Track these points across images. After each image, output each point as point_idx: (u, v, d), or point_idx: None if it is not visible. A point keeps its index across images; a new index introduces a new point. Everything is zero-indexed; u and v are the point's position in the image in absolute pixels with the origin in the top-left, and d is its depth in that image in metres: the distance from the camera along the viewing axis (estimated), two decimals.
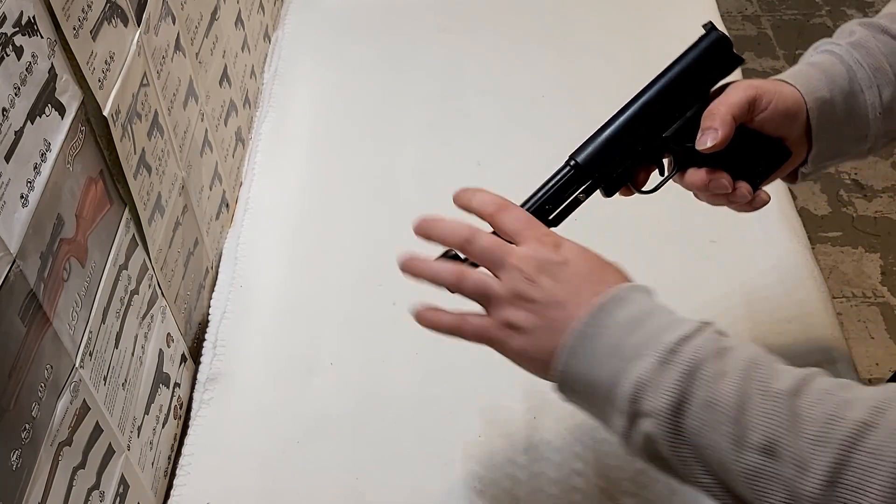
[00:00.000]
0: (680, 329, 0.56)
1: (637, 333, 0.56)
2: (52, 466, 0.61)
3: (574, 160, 0.71)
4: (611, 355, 0.56)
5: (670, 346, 0.54)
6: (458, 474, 0.80)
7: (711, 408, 0.52)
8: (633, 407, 0.55)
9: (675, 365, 0.54)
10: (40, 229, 0.61)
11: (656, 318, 0.57)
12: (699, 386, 0.53)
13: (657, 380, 0.54)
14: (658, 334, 0.56)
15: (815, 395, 0.51)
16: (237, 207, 1.11)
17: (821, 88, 0.71)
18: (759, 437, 0.50)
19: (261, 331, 0.95)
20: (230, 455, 0.84)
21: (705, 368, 0.53)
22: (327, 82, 1.28)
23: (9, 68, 0.58)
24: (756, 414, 0.51)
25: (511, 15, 1.37)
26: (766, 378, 0.52)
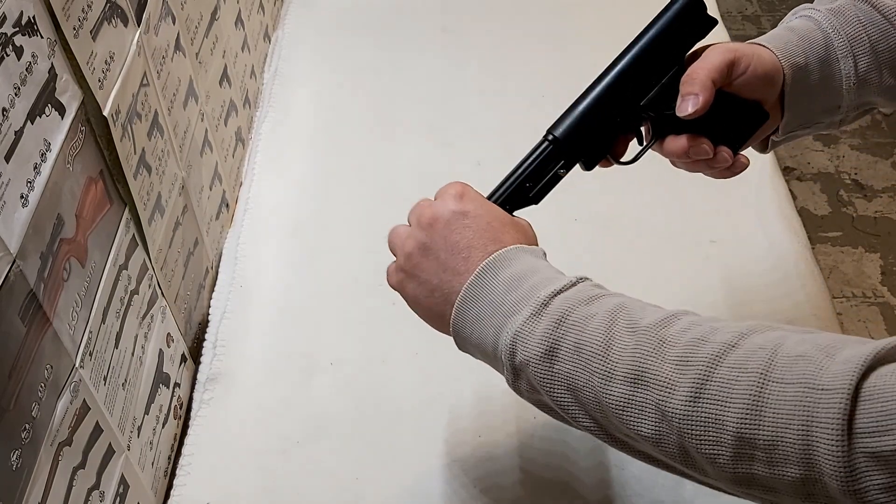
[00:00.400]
0: (555, 283, 0.58)
1: (516, 291, 0.58)
2: (52, 466, 0.61)
3: (552, 135, 0.70)
4: (493, 313, 0.59)
5: (543, 300, 0.57)
6: (458, 474, 0.80)
7: (581, 349, 0.54)
8: (511, 360, 0.58)
9: (546, 315, 0.56)
10: (40, 229, 0.61)
11: (536, 275, 0.59)
12: (568, 330, 0.55)
13: (530, 330, 0.56)
14: (534, 290, 0.58)
15: (683, 324, 0.53)
16: (237, 207, 1.11)
17: (797, 54, 0.70)
18: (626, 367, 0.52)
19: (261, 331, 0.95)
20: (230, 455, 0.84)
21: (574, 314, 0.55)
22: (327, 82, 1.28)
23: (9, 68, 0.58)
24: (622, 347, 0.53)
25: (511, 15, 1.38)
26: (634, 317, 0.54)
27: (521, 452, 0.81)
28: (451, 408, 0.86)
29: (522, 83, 1.25)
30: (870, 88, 0.71)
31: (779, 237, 0.99)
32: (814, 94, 0.71)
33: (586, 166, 0.71)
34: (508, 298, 0.58)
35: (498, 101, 1.22)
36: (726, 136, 0.70)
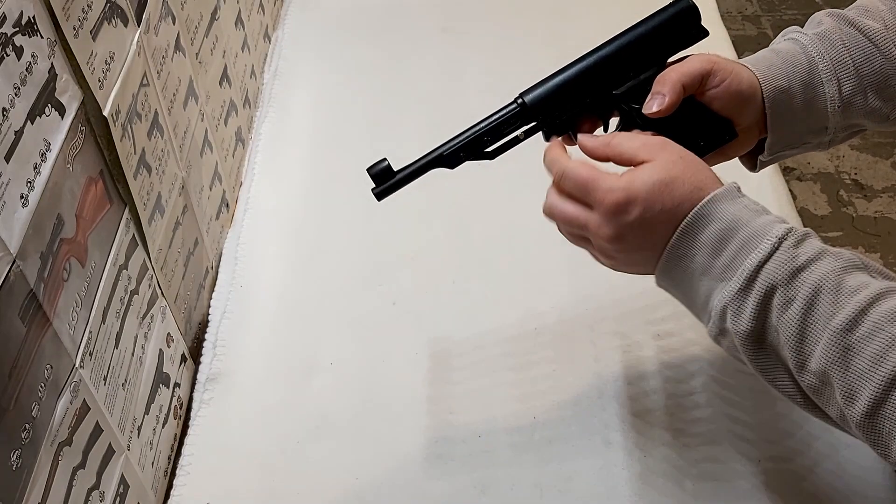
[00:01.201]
0: (759, 250, 0.59)
1: (723, 255, 0.61)
2: (52, 466, 0.61)
3: (522, 99, 0.72)
4: (702, 274, 0.62)
5: (749, 273, 0.59)
6: (458, 474, 0.80)
7: (779, 333, 0.58)
8: (721, 324, 0.61)
9: (753, 292, 0.59)
10: (40, 229, 0.61)
11: (739, 234, 0.60)
12: (771, 312, 0.59)
13: (739, 305, 0.60)
14: (740, 257, 0.60)
15: (867, 328, 0.55)
16: (237, 207, 1.11)
17: (780, 77, 0.71)
18: (815, 365, 0.57)
19: (261, 331, 0.95)
20: (230, 455, 0.84)
21: (777, 296, 0.58)
22: (327, 82, 1.28)
23: (9, 68, 0.58)
24: (813, 343, 0.57)
25: (511, 15, 1.37)
26: (826, 311, 0.57)
27: (522, 452, 0.81)
28: (451, 408, 0.86)
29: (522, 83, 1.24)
30: (855, 111, 0.72)
31: None
32: (797, 117, 0.72)
33: (546, 137, 0.73)
34: (716, 263, 0.61)
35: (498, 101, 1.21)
36: (688, 142, 0.70)
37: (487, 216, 1.04)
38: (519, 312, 0.93)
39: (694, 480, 0.78)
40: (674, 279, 0.64)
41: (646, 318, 0.91)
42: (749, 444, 0.79)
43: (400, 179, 0.74)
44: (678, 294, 0.66)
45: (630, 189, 0.63)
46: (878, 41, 0.71)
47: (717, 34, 1.30)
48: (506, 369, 0.88)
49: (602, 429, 0.82)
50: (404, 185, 0.74)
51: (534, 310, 0.93)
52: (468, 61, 1.29)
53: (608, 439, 0.81)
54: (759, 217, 0.61)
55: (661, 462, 0.79)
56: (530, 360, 0.89)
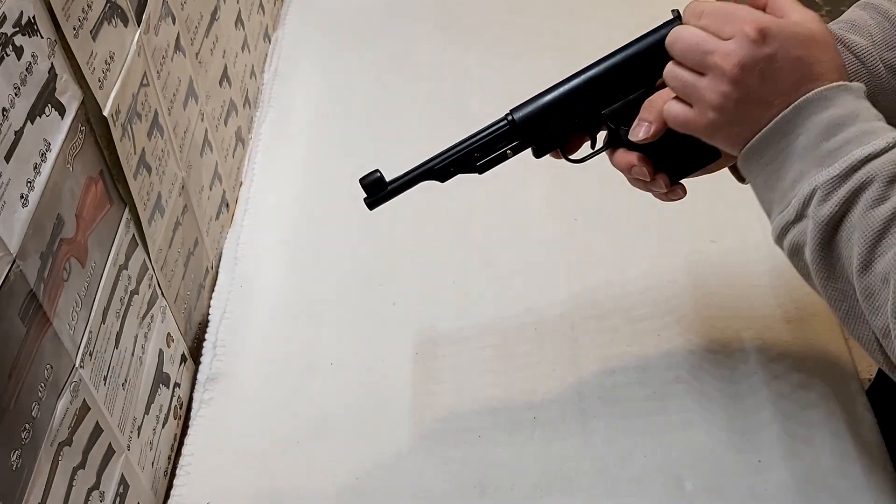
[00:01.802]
0: (870, 145, 0.58)
1: (832, 140, 0.59)
2: (52, 466, 0.61)
3: (511, 116, 0.73)
4: (801, 156, 0.60)
5: (854, 163, 0.57)
6: (458, 474, 0.80)
7: (858, 228, 0.57)
8: (803, 209, 0.60)
9: (847, 184, 0.57)
10: (40, 229, 0.61)
11: (855, 125, 0.59)
12: (858, 205, 0.57)
13: (831, 190, 0.58)
14: (849, 145, 0.58)
15: None
16: (237, 207, 1.11)
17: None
18: (882, 267, 0.56)
19: (261, 331, 0.95)
20: (230, 455, 0.84)
21: (871, 189, 0.57)
22: (327, 82, 1.28)
23: (9, 68, 0.58)
24: (888, 247, 0.55)
25: (511, 15, 1.37)
26: None
27: (522, 452, 0.81)
28: (451, 408, 0.86)
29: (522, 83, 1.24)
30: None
31: None
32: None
33: (536, 154, 0.74)
34: (821, 146, 0.59)
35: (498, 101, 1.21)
36: (671, 165, 0.72)
37: (487, 216, 1.04)
38: (519, 312, 0.93)
39: (694, 480, 0.78)
40: (767, 154, 0.62)
41: (649, 318, 0.92)
42: (749, 444, 0.79)
43: (391, 191, 0.75)
44: (763, 173, 0.63)
45: (777, 24, 0.61)
46: (864, 58, 0.71)
47: None
48: (506, 369, 0.88)
49: (603, 429, 0.82)
50: (395, 196, 0.76)
51: (534, 309, 0.93)
52: (468, 61, 1.29)
53: (608, 439, 0.81)
54: (880, 121, 0.60)
55: (662, 462, 0.79)
56: (531, 359, 0.89)
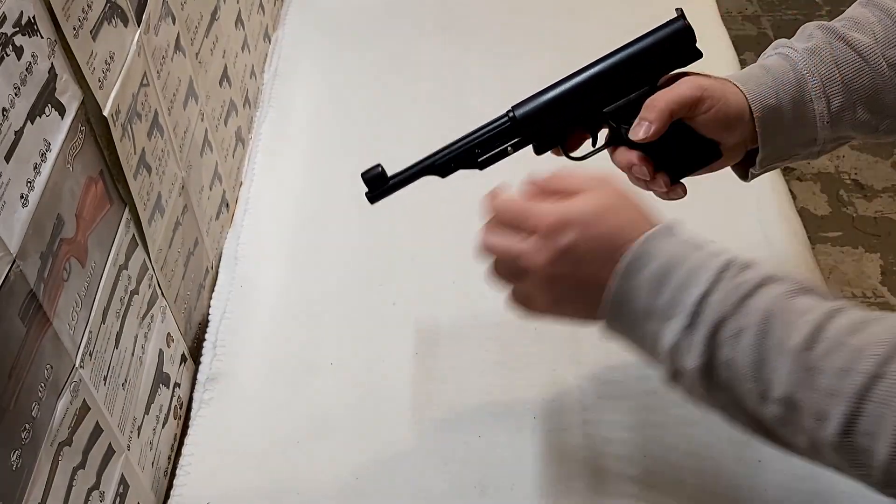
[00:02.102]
0: (699, 283, 0.57)
1: (663, 293, 0.59)
2: (52, 466, 0.61)
3: (513, 113, 0.73)
4: (647, 318, 0.60)
5: (693, 308, 0.57)
6: (457, 474, 0.80)
7: (734, 367, 0.56)
8: (672, 365, 0.59)
9: (699, 327, 0.57)
10: (40, 229, 0.61)
11: (678, 271, 0.59)
12: (722, 346, 0.56)
13: (687, 342, 0.57)
14: (681, 293, 0.58)
15: (827, 345, 0.53)
16: (237, 207, 1.11)
17: (769, 96, 0.72)
18: (779, 392, 0.54)
19: (261, 331, 0.95)
20: (230, 455, 0.84)
21: (726, 328, 0.56)
22: (327, 82, 1.28)
23: (9, 68, 0.58)
24: (772, 370, 0.54)
25: (511, 15, 1.37)
26: (781, 335, 0.54)
27: (521, 452, 0.81)
28: (451, 407, 0.86)
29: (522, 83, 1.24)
30: (844, 125, 0.73)
31: (779, 237, 0.99)
32: (787, 132, 0.73)
33: (537, 151, 0.74)
34: (657, 303, 0.59)
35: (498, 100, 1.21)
36: (672, 164, 0.72)
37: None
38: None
39: (693, 480, 0.78)
40: (621, 325, 0.62)
41: None
42: (749, 444, 0.79)
43: (393, 185, 0.76)
44: (629, 341, 0.63)
45: (566, 212, 0.62)
46: (867, 55, 0.71)
47: (717, 34, 1.30)
48: (506, 369, 0.88)
49: (603, 428, 0.82)
50: (397, 190, 0.76)
51: None
52: (468, 61, 1.29)
53: (608, 439, 0.81)
54: (698, 251, 0.60)
55: (662, 462, 0.79)
56: (531, 360, 0.89)
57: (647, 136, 0.70)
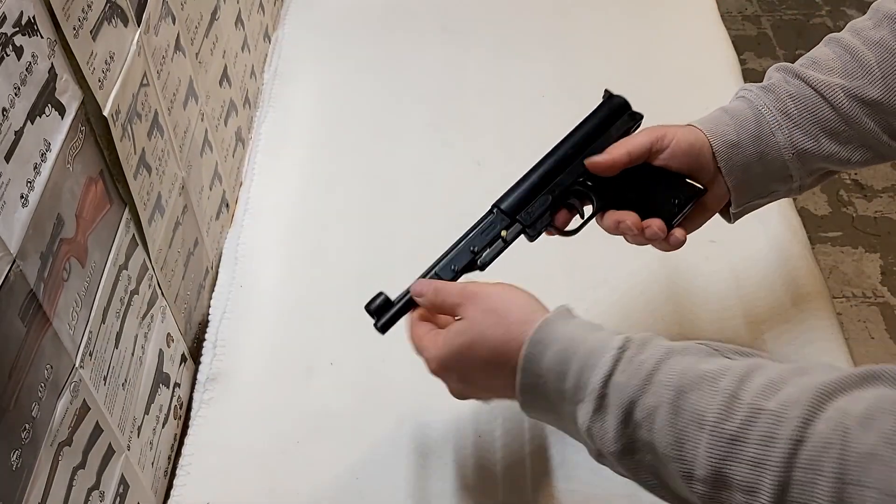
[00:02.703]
0: (601, 365, 0.57)
1: (568, 378, 0.59)
2: (52, 466, 0.61)
3: (497, 207, 0.76)
4: (559, 400, 0.60)
5: (599, 392, 0.57)
6: (458, 474, 0.80)
7: (655, 449, 0.55)
8: (596, 446, 0.59)
9: (609, 411, 0.56)
10: (40, 229, 0.61)
11: (578, 353, 0.59)
12: (638, 428, 0.55)
13: (600, 427, 0.57)
14: (585, 375, 0.58)
15: (745, 413, 0.51)
16: (237, 207, 1.11)
17: (728, 132, 0.73)
18: (704, 471, 0.52)
19: (261, 331, 0.95)
20: (230, 455, 0.84)
21: (637, 409, 0.55)
22: (327, 82, 1.28)
23: (9, 68, 0.58)
24: (694, 446, 0.52)
25: (511, 15, 1.37)
26: (696, 408, 0.53)
27: (521, 452, 0.81)
28: (451, 408, 0.86)
29: (522, 83, 1.25)
30: (811, 157, 0.74)
31: (779, 237, 0.99)
32: (753, 168, 0.74)
33: (530, 238, 0.76)
34: (566, 387, 0.59)
35: (497, 100, 1.22)
36: (658, 207, 0.73)
37: None
38: None
39: None
40: (536, 410, 0.63)
41: (647, 317, 0.91)
42: None
43: (400, 308, 0.74)
44: (547, 420, 0.64)
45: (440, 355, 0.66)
46: (822, 91, 0.72)
47: (717, 34, 1.30)
48: None
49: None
50: (405, 314, 0.74)
51: None
52: (468, 61, 1.29)
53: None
54: (595, 332, 0.60)
55: None
56: None
57: (601, 162, 0.73)
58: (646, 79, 1.21)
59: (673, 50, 1.27)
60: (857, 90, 0.72)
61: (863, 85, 0.72)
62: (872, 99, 0.72)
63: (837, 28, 0.77)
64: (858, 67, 0.72)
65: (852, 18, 0.78)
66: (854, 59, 0.73)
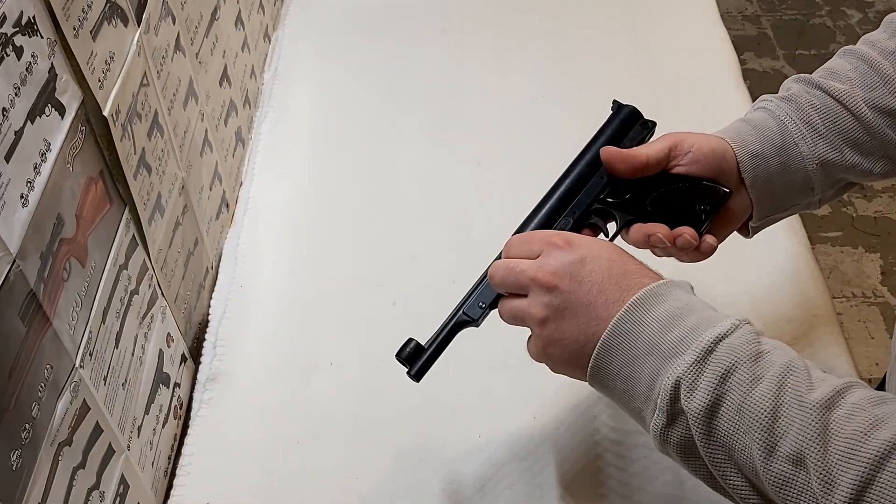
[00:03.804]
0: (717, 327, 0.56)
1: (675, 330, 0.57)
2: (52, 466, 0.61)
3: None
4: (649, 353, 0.57)
5: (707, 345, 0.55)
6: (458, 474, 0.80)
7: (744, 413, 0.53)
8: (671, 405, 0.56)
9: (711, 365, 0.54)
10: (40, 229, 0.61)
11: (694, 314, 0.58)
12: (733, 390, 0.53)
13: (694, 380, 0.54)
14: (695, 331, 0.56)
15: (847, 409, 0.51)
16: (237, 207, 1.11)
17: (752, 142, 0.71)
18: (789, 447, 0.51)
19: (261, 331, 0.95)
20: (230, 455, 0.84)
21: (740, 372, 0.54)
22: (327, 82, 1.28)
23: (9, 68, 0.58)
24: (787, 423, 0.51)
25: (511, 15, 1.38)
26: (801, 387, 0.52)
27: (521, 452, 0.81)
28: (451, 408, 0.86)
29: (522, 83, 1.25)
30: (835, 167, 0.72)
31: (779, 237, 0.99)
32: (776, 179, 0.72)
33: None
34: (666, 338, 0.57)
35: (498, 100, 1.22)
36: (683, 215, 0.71)
37: (487, 216, 1.04)
38: None
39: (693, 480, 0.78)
40: (615, 361, 0.59)
41: None
42: None
43: (432, 353, 0.72)
44: (618, 381, 0.59)
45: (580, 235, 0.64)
46: (845, 101, 0.72)
47: (717, 34, 1.30)
48: (505, 369, 0.88)
49: (601, 428, 0.82)
50: (438, 356, 0.72)
51: None
52: (468, 61, 1.29)
53: (608, 439, 0.81)
54: (714, 311, 0.59)
55: (661, 462, 0.79)
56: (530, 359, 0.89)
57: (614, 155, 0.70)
58: (646, 79, 1.21)
59: (673, 50, 1.27)
60: (878, 100, 0.71)
61: (883, 95, 0.71)
62: (893, 109, 0.71)
63: (837, 28, 0.77)
64: (877, 77, 0.72)
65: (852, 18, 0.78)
66: (872, 70, 0.72)
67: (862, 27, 2.59)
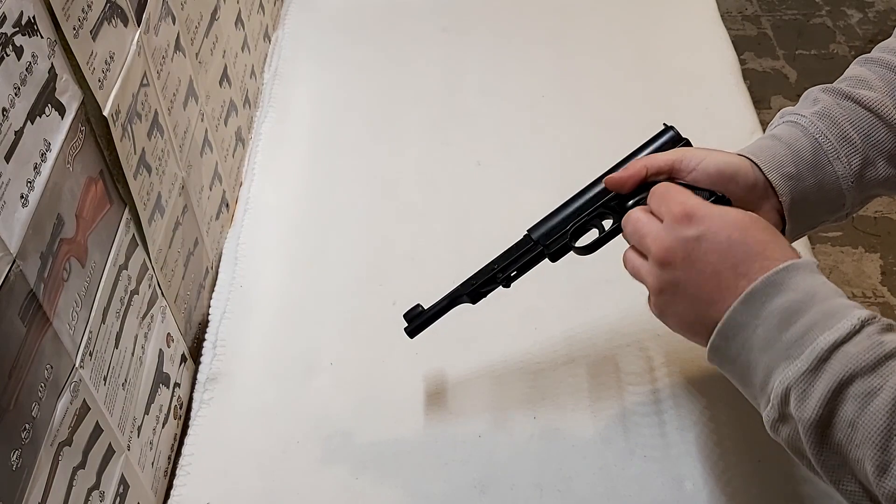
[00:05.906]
0: (834, 330, 0.53)
1: (791, 329, 0.55)
2: (52, 466, 0.61)
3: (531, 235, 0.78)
4: (763, 349, 0.56)
5: (821, 353, 0.53)
6: (458, 474, 0.80)
7: (857, 429, 0.51)
8: (783, 408, 0.55)
9: (824, 376, 0.52)
10: (40, 229, 0.61)
11: (814, 307, 0.55)
12: (848, 402, 0.51)
13: (806, 389, 0.53)
14: (812, 332, 0.54)
15: None
16: (237, 207, 1.11)
17: (785, 164, 0.69)
18: None
19: (261, 331, 0.95)
20: (230, 455, 0.84)
21: (856, 384, 0.51)
22: (327, 82, 1.28)
23: (9, 68, 0.58)
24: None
25: (511, 15, 1.38)
26: None
27: (521, 452, 0.81)
28: (451, 408, 0.86)
29: (522, 83, 1.25)
30: (868, 183, 0.71)
31: None
32: (811, 200, 0.70)
33: (553, 259, 0.78)
34: (783, 337, 0.55)
35: (498, 100, 1.22)
36: None
37: (487, 216, 1.04)
38: (519, 312, 0.93)
39: (693, 481, 0.78)
40: (731, 349, 0.58)
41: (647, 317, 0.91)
42: (748, 445, 0.79)
43: (429, 317, 0.81)
44: (733, 368, 0.59)
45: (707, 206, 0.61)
46: (878, 110, 0.70)
47: (717, 34, 1.30)
48: (505, 369, 0.88)
49: (602, 428, 0.82)
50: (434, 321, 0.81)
51: (534, 309, 0.93)
52: (468, 61, 1.29)
53: (608, 439, 0.81)
54: (840, 298, 0.55)
55: (661, 462, 0.79)
56: (530, 359, 0.89)
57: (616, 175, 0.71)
58: (646, 79, 1.21)
59: (673, 50, 1.27)
60: None
61: None
62: None
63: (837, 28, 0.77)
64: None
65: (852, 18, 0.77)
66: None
67: (862, 27, 2.59)
